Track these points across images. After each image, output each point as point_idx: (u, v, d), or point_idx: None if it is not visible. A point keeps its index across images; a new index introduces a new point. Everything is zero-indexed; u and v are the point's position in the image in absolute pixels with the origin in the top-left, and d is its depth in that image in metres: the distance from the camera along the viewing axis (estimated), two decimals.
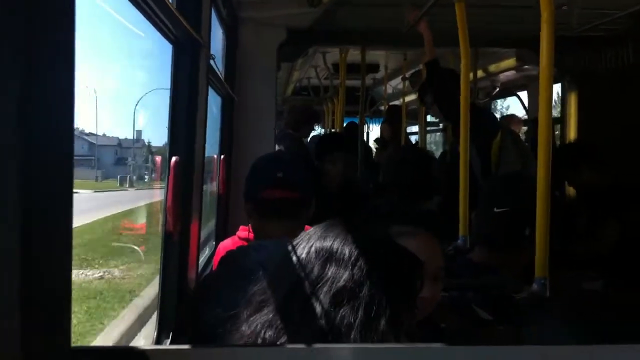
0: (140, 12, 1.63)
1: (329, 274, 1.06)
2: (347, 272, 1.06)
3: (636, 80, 4.14)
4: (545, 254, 1.99)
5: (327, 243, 1.10)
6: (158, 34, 1.86)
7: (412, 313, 1.10)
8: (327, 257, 1.08)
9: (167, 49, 2.01)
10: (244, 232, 2.19)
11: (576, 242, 3.82)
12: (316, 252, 1.10)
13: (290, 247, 1.14)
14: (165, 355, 0.88)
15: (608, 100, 4.55)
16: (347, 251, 1.08)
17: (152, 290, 5.42)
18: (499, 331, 1.83)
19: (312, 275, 1.07)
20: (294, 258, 1.12)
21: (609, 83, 4.49)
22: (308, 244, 1.12)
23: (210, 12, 2.32)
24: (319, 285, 1.05)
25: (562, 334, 1.58)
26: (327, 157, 3.76)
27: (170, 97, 2.01)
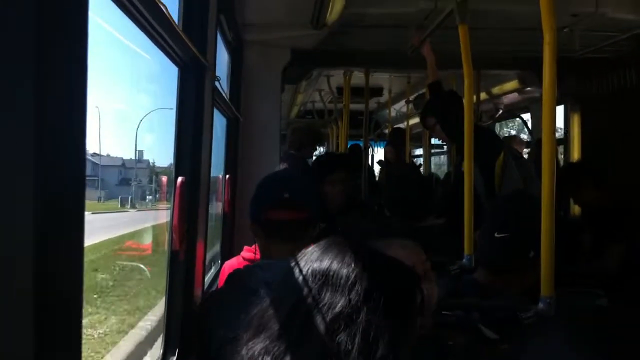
0: (147, 35, 1.66)
1: (325, 299, 1.04)
2: (343, 298, 1.04)
3: (638, 100, 4.17)
4: (551, 273, 1.99)
5: (325, 265, 1.09)
6: (164, 57, 1.88)
7: (414, 329, 1.09)
8: (324, 281, 1.06)
9: (173, 71, 2.04)
10: (248, 252, 2.19)
11: (581, 261, 3.82)
12: (313, 275, 1.08)
13: (288, 268, 1.14)
14: None
15: (611, 122, 4.57)
16: (344, 274, 1.06)
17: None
18: (503, 349, 1.82)
19: (309, 300, 1.06)
20: (292, 280, 1.10)
21: (611, 104, 4.52)
22: (306, 265, 1.11)
23: (216, 35, 2.36)
24: (316, 311, 1.04)
25: (565, 350, 1.57)
26: (327, 178, 3.77)
27: (175, 118, 2.03)
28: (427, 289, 1.56)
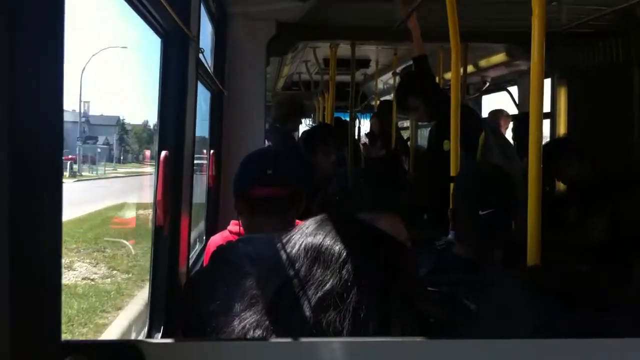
0: (129, 4, 1.62)
1: (317, 275, 1.03)
2: (334, 275, 1.02)
3: (624, 75, 4.17)
4: (538, 243, 2.01)
5: (317, 240, 1.08)
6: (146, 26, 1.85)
7: (407, 304, 1.09)
8: (315, 256, 1.05)
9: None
10: (235, 226, 2.18)
11: (566, 234, 3.86)
12: (305, 249, 1.07)
13: (281, 242, 1.13)
14: (157, 348, 0.87)
15: (597, 96, 4.58)
16: (336, 250, 1.05)
17: None
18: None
19: (301, 274, 1.05)
20: (284, 254, 1.10)
21: (598, 78, 4.52)
22: (299, 240, 1.10)
23: (200, 6, 2.31)
24: (307, 286, 1.03)
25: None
26: (320, 148, 3.76)
27: (159, 90, 2.00)
28: None
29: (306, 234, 1.10)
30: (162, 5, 1.72)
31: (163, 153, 1.92)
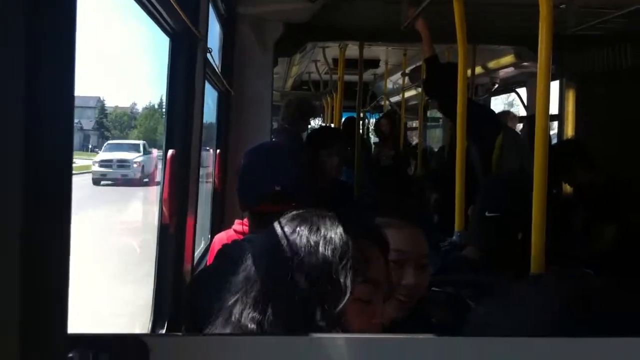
0: (138, 3, 1.64)
1: (305, 266, 1.09)
2: (320, 266, 1.08)
3: (633, 78, 4.16)
4: (542, 250, 2.00)
5: (295, 236, 1.13)
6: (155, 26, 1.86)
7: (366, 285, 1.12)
8: (294, 252, 1.11)
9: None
10: (239, 225, 2.18)
11: (573, 241, 3.83)
12: (295, 242, 1.12)
13: (275, 233, 1.16)
14: (161, 341, 0.89)
15: (605, 98, 4.57)
16: (312, 241, 1.11)
17: None
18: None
19: (291, 266, 1.09)
20: (278, 247, 1.14)
21: (606, 81, 4.51)
22: (293, 233, 1.15)
23: (208, 7, 2.33)
24: (296, 278, 1.08)
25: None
26: (324, 151, 3.75)
27: (166, 89, 2.02)
28: (418, 277, 1.59)
29: (288, 229, 1.16)
30: (171, 5, 1.74)
31: (170, 152, 1.94)
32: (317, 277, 1.07)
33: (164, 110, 2.09)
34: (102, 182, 6.14)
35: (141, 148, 6.30)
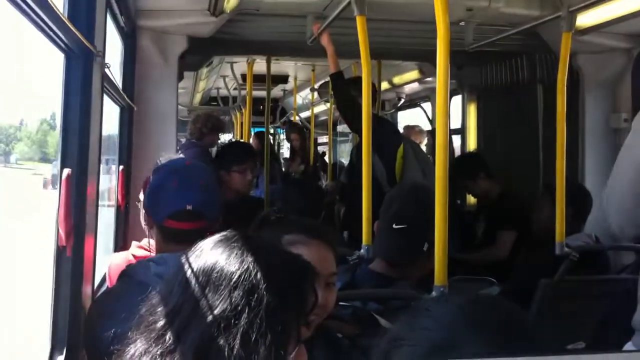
0: (28, 20, 1.56)
1: (206, 300, 1.01)
2: (223, 300, 1.00)
3: (529, 93, 4.35)
4: (444, 263, 2.03)
5: (210, 261, 1.05)
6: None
7: (305, 326, 1.07)
8: (207, 279, 1.03)
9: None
10: (139, 249, 2.09)
11: (474, 250, 3.96)
12: (198, 272, 1.05)
13: (180, 263, 1.10)
14: None
15: (505, 113, 4.76)
16: (229, 272, 1.02)
17: None
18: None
19: (191, 300, 1.02)
20: (178, 278, 1.07)
21: (504, 96, 4.70)
22: (195, 261, 1.07)
23: (106, 21, 2.26)
24: (195, 313, 1.01)
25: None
26: (235, 167, 3.73)
27: (62, 107, 1.94)
28: (325, 296, 1.56)
29: (201, 256, 1.08)
30: (63, 20, 1.67)
31: (65, 171, 1.86)
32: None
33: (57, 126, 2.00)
34: None
35: None
